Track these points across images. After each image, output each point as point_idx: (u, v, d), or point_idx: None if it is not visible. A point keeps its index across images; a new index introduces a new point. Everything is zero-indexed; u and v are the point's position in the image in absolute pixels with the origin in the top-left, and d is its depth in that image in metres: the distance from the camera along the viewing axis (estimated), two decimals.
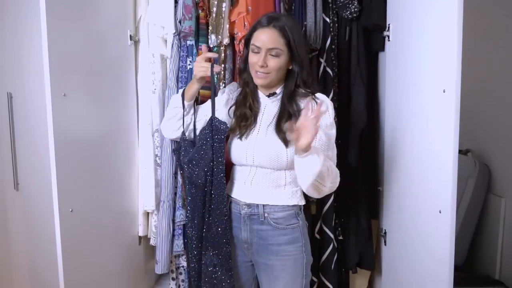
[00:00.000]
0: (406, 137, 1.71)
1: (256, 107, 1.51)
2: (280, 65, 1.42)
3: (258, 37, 1.42)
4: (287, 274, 1.49)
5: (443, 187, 1.37)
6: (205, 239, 1.52)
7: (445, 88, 1.34)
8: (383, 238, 1.97)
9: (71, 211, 1.48)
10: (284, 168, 1.46)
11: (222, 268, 1.50)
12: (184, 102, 1.58)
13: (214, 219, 1.50)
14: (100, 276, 1.72)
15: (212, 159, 1.48)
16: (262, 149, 1.46)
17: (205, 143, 1.50)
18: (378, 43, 1.96)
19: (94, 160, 1.67)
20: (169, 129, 1.66)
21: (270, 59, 1.41)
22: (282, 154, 1.44)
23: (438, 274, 1.41)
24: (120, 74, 1.90)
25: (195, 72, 1.55)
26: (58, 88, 1.41)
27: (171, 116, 1.63)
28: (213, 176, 1.49)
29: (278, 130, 1.44)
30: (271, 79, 1.45)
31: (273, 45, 1.40)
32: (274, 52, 1.40)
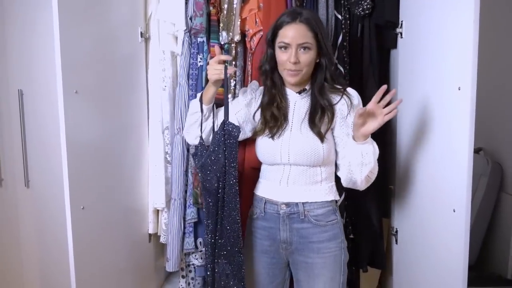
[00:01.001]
0: (419, 135, 1.69)
1: (285, 106, 1.50)
2: (311, 59, 1.42)
3: (285, 34, 1.41)
4: (328, 271, 1.50)
5: (457, 185, 1.35)
6: (218, 247, 1.51)
7: (461, 86, 1.32)
8: (394, 237, 1.95)
9: (83, 208, 1.48)
10: (320, 164, 1.47)
11: (234, 278, 1.49)
12: (202, 107, 1.55)
13: (226, 227, 1.48)
14: (111, 273, 1.72)
15: (224, 164, 1.46)
16: (298, 146, 1.46)
17: (217, 148, 1.48)
18: (391, 40, 1.94)
19: (104, 157, 1.67)
20: (192, 135, 1.64)
21: (301, 55, 1.40)
22: (319, 149, 1.44)
23: (452, 273, 1.40)
24: (130, 71, 1.89)
25: (209, 76, 1.51)
26: (70, 85, 1.41)
27: (191, 122, 1.61)
28: (225, 182, 1.47)
29: (313, 126, 1.45)
30: (303, 76, 1.44)
31: (303, 40, 1.39)
32: (304, 47, 1.39)
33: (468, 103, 1.27)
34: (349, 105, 1.47)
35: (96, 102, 1.60)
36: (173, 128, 1.99)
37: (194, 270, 2.07)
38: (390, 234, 2.03)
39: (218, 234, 1.50)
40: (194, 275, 2.08)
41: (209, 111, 1.58)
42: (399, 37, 1.88)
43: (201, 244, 2.00)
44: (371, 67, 1.94)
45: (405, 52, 1.85)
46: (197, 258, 2.03)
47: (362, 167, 1.41)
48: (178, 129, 1.96)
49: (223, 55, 1.53)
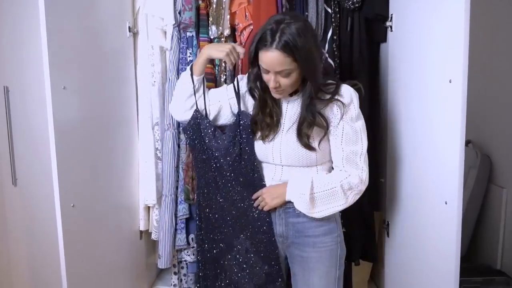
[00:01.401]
0: (410, 128, 1.70)
1: (277, 112, 1.48)
2: (293, 81, 1.36)
3: (263, 59, 1.34)
4: (322, 265, 1.49)
5: (449, 178, 1.35)
6: (239, 223, 1.53)
7: (452, 78, 1.32)
8: (385, 230, 1.96)
9: (73, 206, 1.46)
10: (314, 164, 1.46)
11: (255, 254, 1.51)
12: (193, 77, 1.52)
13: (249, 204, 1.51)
14: (102, 271, 1.71)
15: (239, 154, 1.50)
16: (289, 149, 1.45)
17: (234, 139, 1.50)
18: (381, 33, 1.94)
19: (94, 154, 1.65)
20: (180, 108, 1.57)
21: (281, 79, 1.35)
22: (312, 154, 1.43)
23: (444, 265, 1.40)
24: (119, 67, 1.87)
25: (216, 53, 1.51)
26: (57, 81, 1.38)
27: (180, 93, 1.56)
28: (241, 166, 1.51)
29: (300, 137, 1.42)
30: (288, 92, 1.42)
31: (280, 68, 1.32)
32: (283, 74, 1.34)
33: (459, 96, 1.27)
34: (342, 113, 1.41)
35: (84, 98, 1.58)
36: (163, 124, 1.97)
37: (187, 267, 2.06)
38: (382, 227, 2.04)
39: (240, 212, 1.52)
40: (187, 272, 2.07)
41: (199, 83, 1.55)
42: (389, 30, 1.88)
43: (193, 240, 1.99)
44: (360, 60, 1.93)
45: (395, 46, 1.85)
46: (189, 254, 2.02)
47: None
48: (168, 125, 1.94)
49: (240, 47, 1.53)
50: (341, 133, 1.42)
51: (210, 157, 1.53)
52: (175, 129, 1.95)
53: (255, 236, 1.51)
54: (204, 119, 1.54)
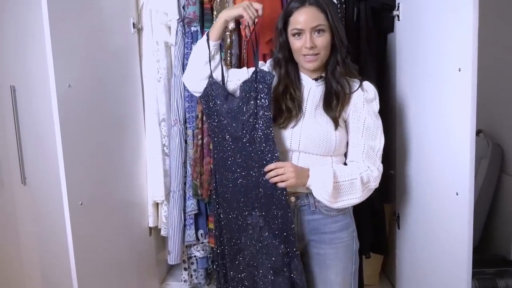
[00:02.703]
0: (419, 118, 1.67)
1: (299, 96, 1.44)
2: (327, 41, 1.37)
3: (297, 20, 1.36)
4: (340, 262, 1.48)
5: (460, 168, 1.33)
6: (252, 199, 1.44)
7: (461, 67, 1.29)
8: (396, 222, 1.94)
9: (81, 204, 1.46)
10: (331, 154, 1.43)
11: (270, 231, 1.42)
12: (209, 43, 1.48)
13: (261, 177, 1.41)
14: (112, 268, 1.71)
15: (255, 112, 1.39)
16: (310, 133, 1.41)
17: (247, 96, 1.40)
18: (388, 23, 1.91)
19: (101, 151, 1.65)
20: (194, 77, 1.52)
21: (317, 38, 1.36)
22: (331, 138, 1.40)
23: (456, 256, 1.39)
24: (124, 63, 1.87)
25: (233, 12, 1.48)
26: (62, 79, 1.38)
27: (195, 60, 1.51)
28: (255, 131, 1.39)
29: (329, 110, 1.41)
30: (321, 60, 1.40)
31: (316, 22, 1.34)
32: (318, 29, 1.35)
33: (469, 85, 1.25)
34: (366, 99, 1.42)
35: (90, 96, 1.57)
36: (170, 119, 1.97)
37: (196, 262, 2.07)
38: (392, 220, 2.02)
39: (252, 185, 1.43)
40: (197, 267, 2.08)
41: (216, 51, 1.51)
42: (396, 19, 1.85)
43: (202, 236, 1.99)
44: (368, 51, 1.91)
45: (403, 35, 1.82)
46: (198, 250, 2.02)
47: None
48: (175, 121, 1.94)
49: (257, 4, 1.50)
50: (362, 126, 1.41)
51: (224, 124, 1.46)
52: (181, 125, 1.95)
53: (269, 212, 1.41)
54: (218, 84, 1.49)
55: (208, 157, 1.91)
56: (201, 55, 1.49)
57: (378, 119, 1.45)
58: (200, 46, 1.51)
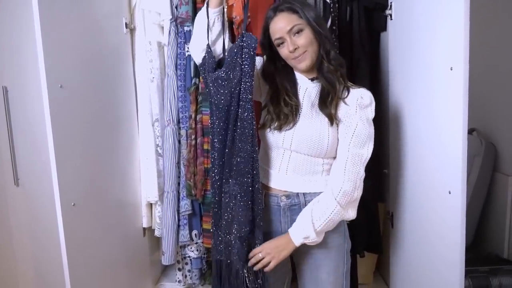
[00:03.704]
0: (412, 117, 1.68)
1: (295, 101, 1.43)
2: (308, 38, 1.36)
3: (274, 30, 1.38)
4: (331, 261, 1.47)
5: (452, 167, 1.34)
6: (229, 166, 1.44)
7: (453, 66, 1.30)
8: (389, 220, 1.95)
9: (73, 205, 1.45)
10: (322, 156, 1.42)
11: (241, 199, 1.40)
12: (208, 10, 1.45)
13: (238, 144, 1.40)
14: (106, 269, 1.70)
15: (240, 79, 1.38)
16: (303, 134, 1.40)
17: (234, 62, 1.40)
18: (380, 22, 1.92)
19: (94, 152, 1.64)
20: (196, 47, 1.49)
21: (297, 39, 1.36)
22: (323, 139, 1.39)
23: (449, 254, 1.39)
24: (117, 63, 1.86)
25: None
26: (54, 80, 1.37)
27: (196, 29, 1.49)
28: (240, 98, 1.39)
29: (323, 107, 1.40)
30: (311, 57, 1.39)
31: (290, 25, 1.35)
32: (295, 30, 1.36)
33: (461, 83, 1.25)
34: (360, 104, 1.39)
35: (82, 96, 1.56)
36: (163, 120, 1.96)
37: (191, 262, 2.06)
38: (386, 219, 2.02)
39: (227, 153, 1.43)
40: (191, 267, 2.07)
41: (217, 17, 1.47)
42: (389, 19, 1.86)
43: (196, 236, 1.99)
44: (361, 50, 1.91)
45: (395, 34, 1.82)
46: (193, 250, 2.01)
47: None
48: (168, 121, 1.93)
49: None
50: (352, 132, 1.38)
51: (213, 92, 1.45)
52: (175, 125, 1.94)
53: (242, 181, 1.40)
54: (211, 53, 1.46)
55: (201, 157, 1.90)
56: (201, 24, 1.47)
57: (371, 127, 1.40)
58: (200, 15, 1.49)
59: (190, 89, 1.92)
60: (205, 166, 1.90)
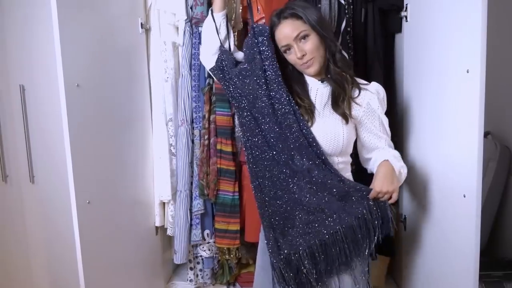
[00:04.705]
0: (427, 120, 1.67)
1: (308, 103, 1.44)
2: (315, 43, 1.38)
3: (279, 38, 1.40)
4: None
5: (467, 170, 1.33)
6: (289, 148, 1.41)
7: (469, 68, 1.29)
8: (402, 223, 1.94)
9: (88, 203, 1.47)
10: (337, 153, 1.44)
11: (317, 168, 1.40)
12: (213, 15, 1.52)
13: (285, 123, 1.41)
14: (118, 267, 1.72)
15: (262, 66, 1.42)
16: (318, 133, 1.41)
17: (252, 51, 1.44)
18: (395, 24, 1.91)
19: (108, 150, 1.65)
20: (208, 52, 1.55)
21: (304, 45, 1.38)
22: (339, 137, 1.42)
23: (463, 259, 1.38)
24: (132, 63, 1.87)
25: None
26: (71, 79, 1.39)
27: (205, 35, 1.56)
28: (267, 81, 1.42)
29: (336, 107, 1.43)
30: (319, 62, 1.41)
31: (296, 32, 1.36)
32: (301, 36, 1.37)
33: (477, 86, 1.24)
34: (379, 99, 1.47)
35: (98, 95, 1.58)
36: (177, 119, 1.98)
37: (202, 262, 2.07)
38: (399, 222, 2.01)
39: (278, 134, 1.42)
40: (202, 267, 2.08)
41: (222, 20, 1.54)
42: (404, 20, 1.85)
43: (208, 236, 2.00)
44: (375, 52, 1.90)
45: (411, 36, 1.81)
46: (204, 249, 2.02)
47: None
48: (182, 121, 1.95)
49: None
50: (378, 124, 1.47)
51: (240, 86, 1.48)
52: (188, 125, 1.95)
53: (309, 154, 1.40)
54: (227, 51, 1.53)
55: (214, 157, 1.91)
56: (209, 29, 1.54)
57: (386, 118, 1.51)
58: (207, 21, 1.56)
59: (204, 89, 1.93)
60: (218, 166, 1.91)
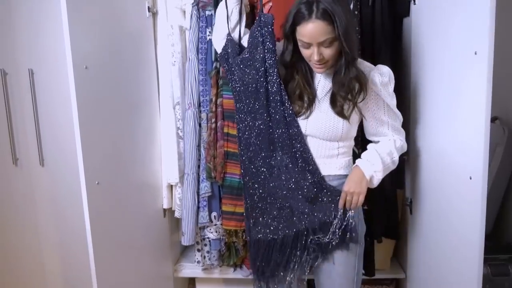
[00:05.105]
0: (433, 103, 1.66)
1: (311, 93, 1.46)
2: (335, 51, 1.34)
3: (303, 33, 1.32)
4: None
5: (474, 152, 1.32)
6: (269, 142, 1.49)
7: (477, 50, 1.28)
8: (408, 207, 1.94)
9: (98, 184, 1.49)
10: (337, 140, 1.46)
11: (294, 166, 1.47)
12: (227, 1, 1.56)
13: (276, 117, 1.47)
14: (127, 248, 1.74)
15: (264, 58, 1.45)
16: (316, 121, 1.44)
17: (255, 41, 1.47)
18: (403, 7, 1.89)
19: (116, 133, 1.67)
20: (219, 36, 1.61)
21: (324, 50, 1.33)
22: (338, 126, 1.43)
23: (468, 242, 1.38)
24: (139, 47, 1.88)
25: None
26: (79, 61, 1.40)
27: (218, 20, 1.61)
28: (267, 73, 1.46)
29: (333, 105, 1.42)
30: (331, 65, 1.39)
31: (323, 37, 1.30)
32: (326, 44, 1.32)
33: (485, 68, 1.23)
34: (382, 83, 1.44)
35: (106, 78, 1.59)
36: (184, 103, 1.99)
37: (210, 244, 2.09)
38: (405, 205, 2.02)
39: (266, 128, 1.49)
40: (210, 249, 2.10)
41: (235, 6, 1.56)
42: (412, 3, 1.84)
43: (215, 218, 2.02)
44: (383, 36, 1.89)
45: (418, 19, 1.80)
46: (212, 231, 2.04)
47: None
48: (189, 104, 1.95)
49: None
50: (383, 109, 1.48)
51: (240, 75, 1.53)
52: (196, 108, 1.96)
53: (290, 150, 1.47)
54: (233, 41, 1.57)
55: (221, 140, 1.92)
56: (221, 15, 1.57)
57: (394, 99, 1.49)
58: (221, 5, 1.58)
59: (211, 73, 1.93)
60: (225, 149, 1.92)
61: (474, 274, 1.34)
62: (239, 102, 1.57)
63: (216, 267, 2.17)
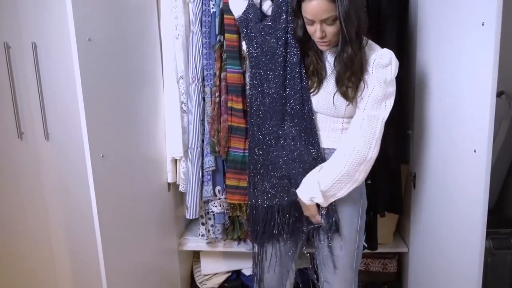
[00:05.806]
0: (439, 75, 1.65)
1: (321, 68, 1.46)
2: (338, 29, 1.33)
3: (307, 10, 1.32)
4: (345, 215, 1.53)
5: (478, 125, 1.32)
6: (281, 112, 1.51)
7: (484, 21, 1.26)
8: (412, 181, 1.95)
9: (102, 157, 1.49)
10: (341, 116, 1.46)
11: (300, 140, 1.50)
12: None
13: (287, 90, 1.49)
14: (132, 221, 1.76)
15: (286, 28, 1.46)
16: (320, 98, 1.46)
17: (279, 11, 1.47)
18: None
19: (120, 106, 1.67)
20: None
21: (327, 28, 1.33)
22: (341, 104, 1.43)
23: (471, 215, 1.39)
24: (142, 20, 1.86)
25: None
26: (83, 32, 1.39)
27: None
28: (287, 43, 1.47)
29: (338, 85, 1.42)
30: (334, 43, 1.38)
31: (326, 15, 1.30)
32: (328, 21, 1.32)
33: (492, 39, 1.22)
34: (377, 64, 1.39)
35: (110, 51, 1.58)
36: (188, 77, 1.97)
37: (214, 217, 2.11)
38: (408, 179, 2.02)
39: (279, 98, 1.50)
40: (214, 222, 2.12)
41: None
42: None
43: (219, 192, 2.03)
44: (389, 11, 1.86)
45: None
46: (216, 205, 2.06)
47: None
48: (193, 78, 1.95)
49: None
50: (369, 94, 1.40)
51: (260, 42, 1.53)
52: (199, 82, 1.96)
53: (300, 125, 1.49)
54: (255, 6, 1.57)
55: (225, 114, 1.92)
56: None
57: (390, 86, 1.40)
58: None
59: (215, 46, 1.92)
60: (229, 124, 1.92)
61: (476, 247, 1.36)
62: (254, 68, 1.58)
63: (220, 241, 2.19)
